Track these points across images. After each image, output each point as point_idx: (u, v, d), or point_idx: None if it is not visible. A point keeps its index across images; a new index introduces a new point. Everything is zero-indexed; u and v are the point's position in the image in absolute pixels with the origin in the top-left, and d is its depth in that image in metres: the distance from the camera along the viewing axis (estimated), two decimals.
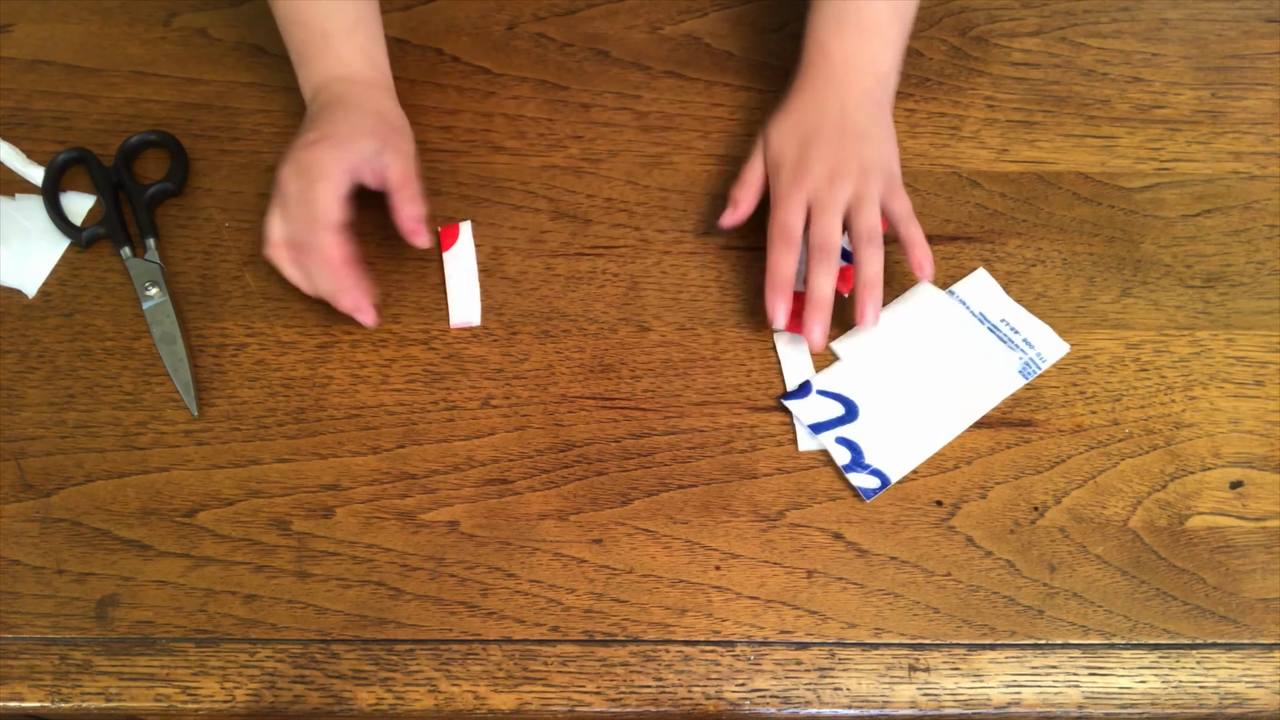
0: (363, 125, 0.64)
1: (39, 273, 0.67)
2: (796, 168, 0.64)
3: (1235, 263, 0.68)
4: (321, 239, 0.60)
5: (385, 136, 0.64)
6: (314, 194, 0.60)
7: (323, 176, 0.61)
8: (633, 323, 0.66)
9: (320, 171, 0.61)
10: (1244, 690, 0.58)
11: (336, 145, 0.62)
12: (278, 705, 0.57)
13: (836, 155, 0.64)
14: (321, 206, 0.60)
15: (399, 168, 0.63)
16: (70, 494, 0.61)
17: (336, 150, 0.62)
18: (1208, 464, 0.63)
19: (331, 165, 0.61)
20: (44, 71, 0.73)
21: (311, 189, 0.60)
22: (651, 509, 0.61)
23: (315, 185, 0.60)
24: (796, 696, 0.57)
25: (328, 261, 0.60)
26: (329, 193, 0.60)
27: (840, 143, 0.65)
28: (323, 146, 0.62)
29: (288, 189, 0.61)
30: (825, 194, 0.63)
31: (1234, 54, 0.75)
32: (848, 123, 0.65)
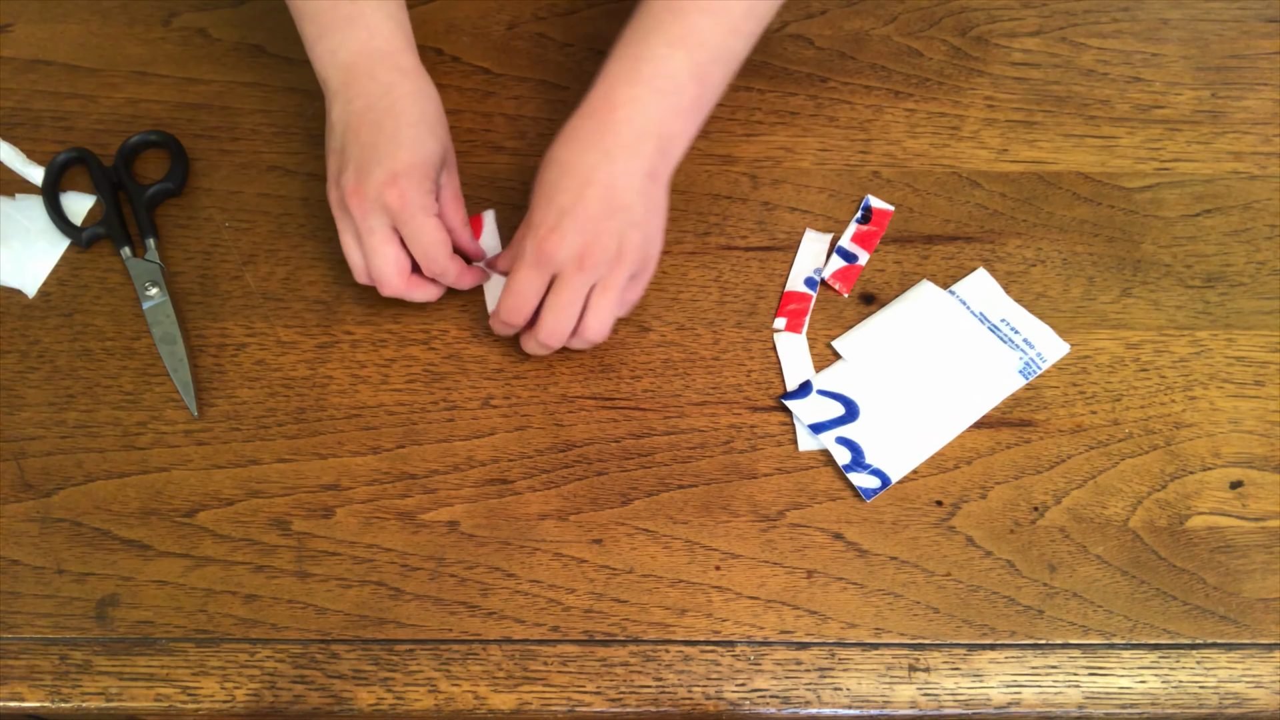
0: (433, 145, 0.61)
1: (39, 273, 0.67)
2: (549, 236, 0.58)
3: (1235, 263, 0.68)
4: (447, 269, 0.62)
5: (447, 150, 0.63)
6: (423, 233, 0.60)
7: (425, 213, 0.60)
8: (633, 323, 0.66)
9: (422, 209, 0.59)
10: (1244, 690, 0.58)
11: (423, 178, 0.60)
12: (278, 705, 0.57)
13: (595, 232, 0.58)
14: (435, 242, 0.60)
15: (451, 187, 0.64)
16: (70, 494, 0.61)
17: (425, 183, 0.60)
18: (1208, 464, 0.63)
19: (428, 201, 0.60)
20: (44, 71, 0.73)
21: (419, 230, 0.60)
22: (651, 509, 0.61)
23: (422, 226, 0.60)
24: (796, 696, 0.57)
25: (457, 283, 0.64)
26: (438, 228, 0.60)
27: (602, 219, 0.58)
28: (409, 183, 0.59)
29: (370, 225, 0.60)
30: (570, 277, 0.58)
31: (1234, 54, 0.75)
32: (615, 195, 0.58)
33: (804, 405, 0.63)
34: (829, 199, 0.70)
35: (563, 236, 0.58)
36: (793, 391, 0.64)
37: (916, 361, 0.64)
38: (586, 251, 0.58)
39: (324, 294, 0.66)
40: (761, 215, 0.69)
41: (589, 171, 0.59)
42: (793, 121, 0.72)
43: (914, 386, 0.64)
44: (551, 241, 0.58)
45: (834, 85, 0.73)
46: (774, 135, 0.71)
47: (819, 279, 0.67)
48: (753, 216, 0.69)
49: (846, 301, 0.67)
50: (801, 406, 0.63)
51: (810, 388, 0.64)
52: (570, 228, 0.58)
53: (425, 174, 0.60)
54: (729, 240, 0.68)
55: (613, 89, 0.60)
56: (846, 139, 0.71)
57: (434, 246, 0.60)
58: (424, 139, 0.61)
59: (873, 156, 0.71)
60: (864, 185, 0.70)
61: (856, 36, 0.75)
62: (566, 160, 0.60)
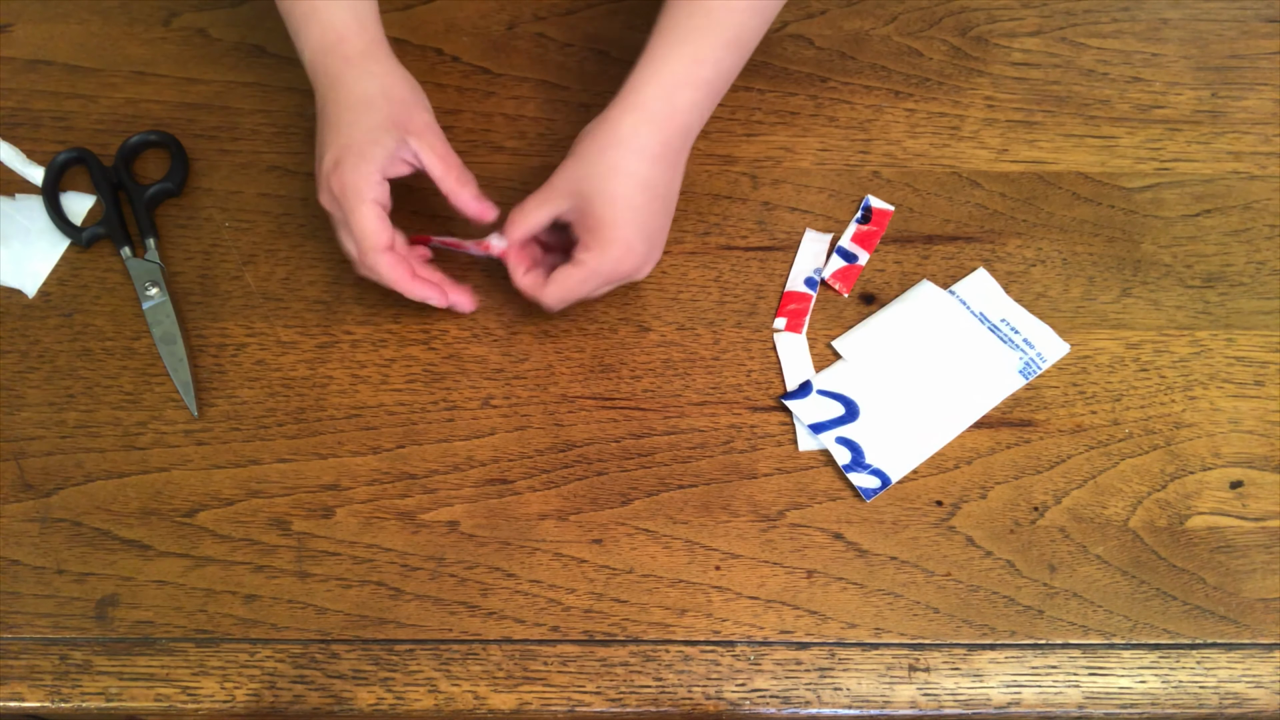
0: (373, 120, 0.60)
1: (39, 273, 0.67)
2: (629, 258, 0.60)
3: (1235, 263, 0.68)
4: (376, 263, 0.60)
5: (401, 120, 0.61)
6: (355, 221, 0.59)
7: (358, 200, 0.59)
8: (633, 323, 0.66)
9: (355, 195, 0.59)
10: (1244, 690, 0.58)
11: (359, 158, 0.59)
12: (278, 705, 0.57)
13: (649, 248, 0.61)
14: (364, 233, 0.59)
15: (431, 151, 0.61)
16: (70, 494, 0.61)
17: (360, 165, 0.59)
18: (1208, 464, 0.63)
19: (362, 183, 0.59)
20: (44, 71, 0.73)
21: (351, 217, 0.59)
22: (651, 509, 0.61)
23: (353, 213, 0.59)
24: (796, 696, 0.57)
25: (393, 283, 0.60)
26: (368, 217, 0.59)
27: (659, 232, 0.62)
28: (345, 166, 0.59)
29: (334, 217, 0.61)
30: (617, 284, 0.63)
31: (1234, 54, 0.75)
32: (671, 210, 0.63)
33: (804, 405, 0.63)
34: (829, 199, 0.70)
35: (644, 262, 0.61)
36: (793, 391, 0.64)
37: (916, 361, 0.64)
38: (642, 265, 0.62)
39: (324, 294, 0.66)
40: (761, 215, 0.69)
41: (666, 190, 0.61)
42: (793, 121, 0.72)
43: (914, 386, 0.64)
44: (631, 265, 0.61)
45: (834, 85, 0.73)
46: (774, 135, 0.71)
47: (819, 279, 0.67)
48: (753, 216, 0.69)
49: (846, 301, 0.67)
50: (801, 406, 0.63)
51: (810, 388, 0.64)
52: (651, 255, 0.62)
53: (362, 153, 0.59)
54: (729, 240, 0.68)
55: (673, 93, 0.61)
56: (846, 139, 0.71)
57: (363, 237, 0.59)
58: (360, 118, 0.60)
59: (873, 156, 0.71)
60: (864, 185, 0.70)
61: (856, 36, 0.75)
62: (649, 179, 0.60)
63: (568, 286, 0.61)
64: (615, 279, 0.62)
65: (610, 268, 0.60)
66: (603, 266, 0.60)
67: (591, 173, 0.60)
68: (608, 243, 0.59)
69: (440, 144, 0.62)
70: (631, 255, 0.60)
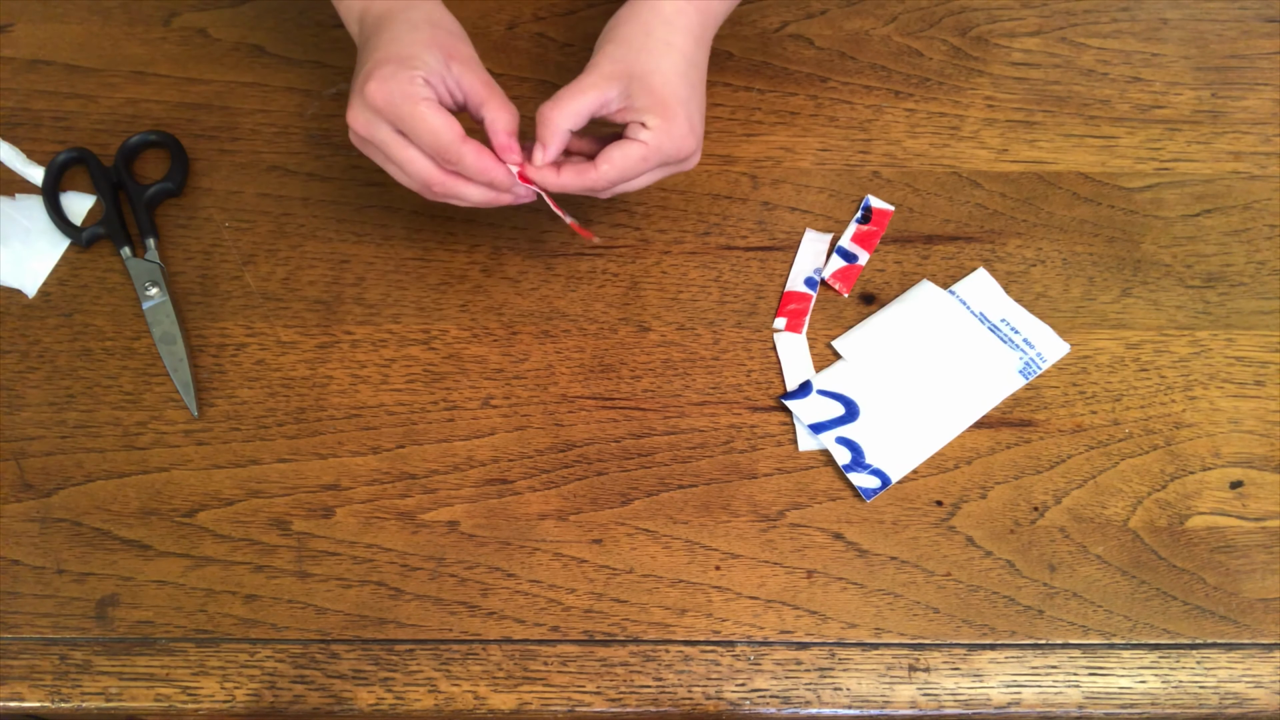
0: (416, 38, 0.56)
1: (39, 273, 0.67)
2: (688, 140, 0.58)
3: (1235, 263, 0.68)
4: (462, 155, 0.55)
5: (446, 46, 0.57)
6: (415, 124, 0.54)
7: (413, 102, 0.54)
8: (633, 323, 0.66)
9: (407, 99, 0.54)
10: (1244, 690, 0.58)
11: (400, 65, 0.55)
12: (278, 705, 0.57)
13: (701, 134, 0.60)
14: (436, 131, 0.54)
15: (472, 77, 0.57)
16: (70, 494, 0.61)
17: (404, 71, 0.55)
18: (1208, 464, 0.63)
19: (410, 87, 0.54)
20: (44, 71, 0.73)
21: (409, 122, 0.54)
22: (651, 509, 0.61)
23: (412, 116, 0.54)
24: (796, 696, 0.57)
25: (487, 171, 0.56)
26: (433, 114, 0.54)
27: (702, 121, 0.60)
28: (385, 74, 0.55)
29: (381, 138, 0.56)
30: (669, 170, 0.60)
31: (1234, 54, 0.75)
32: (703, 92, 0.60)
33: (804, 405, 0.63)
34: (829, 199, 0.70)
35: (698, 147, 0.59)
36: (793, 391, 0.64)
37: (916, 361, 0.64)
38: (694, 153, 0.60)
39: (324, 294, 0.66)
40: (761, 215, 0.69)
41: (702, 78, 0.60)
42: (793, 121, 0.72)
43: (914, 386, 0.64)
44: (690, 145, 0.58)
45: (834, 85, 0.73)
46: (774, 135, 0.71)
47: (819, 279, 0.67)
48: (753, 216, 0.69)
49: (846, 301, 0.67)
50: (801, 406, 0.63)
51: (810, 388, 0.64)
52: (701, 143, 0.60)
53: (402, 63, 0.55)
54: (729, 240, 0.68)
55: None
56: (846, 139, 0.71)
57: (433, 134, 0.55)
58: (402, 36, 0.57)
59: (873, 156, 0.71)
60: (864, 185, 0.70)
61: (856, 36, 0.75)
62: (695, 59, 0.59)
63: (625, 166, 0.57)
64: (673, 160, 0.59)
65: (673, 145, 0.57)
66: (665, 143, 0.57)
67: (641, 54, 0.58)
68: (672, 118, 0.57)
69: (485, 73, 0.58)
70: (692, 135, 0.58)
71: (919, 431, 0.63)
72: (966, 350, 0.65)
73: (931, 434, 0.63)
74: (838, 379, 0.64)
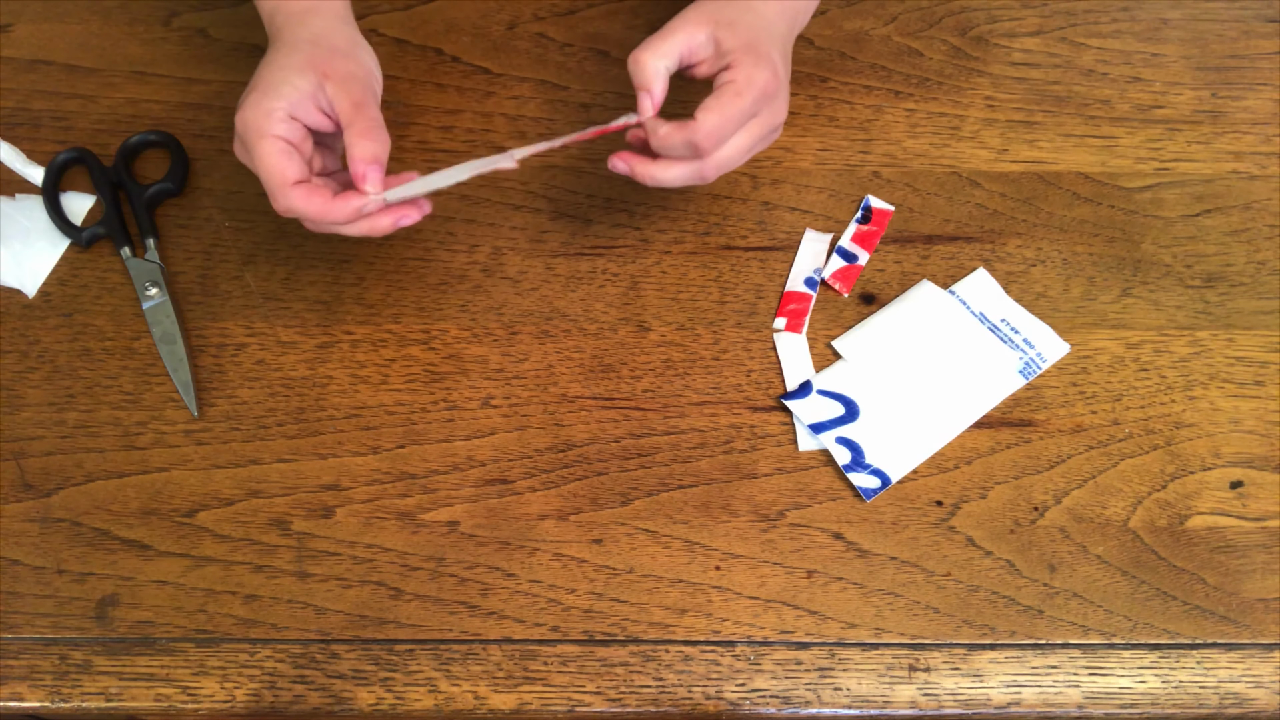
0: (290, 62, 0.56)
1: (39, 273, 0.67)
2: (771, 80, 0.57)
3: (1235, 263, 0.68)
4: (290, 201, 0.55)
5: (322, 65, 0.56)
6: (257, 161, 0.55)
7: (259, 137, 0.55)
8: (633, 323, 0.66)
9: (255, 132, 0.55)
10: (1244, 690, 0.58)
11: (263, 94, 0.55)
12: (278, 705, 0.57)
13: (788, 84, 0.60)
14: (268, 171, 0.55)
15: (346, 98, 0.56)
16: (70, 494, 0.61)
17: (265, 100, 0.55)
18: (1208, 464, 0.63)
19: (263, 120, 0.55)
20: (44, 71, 0.73)
21: (254, 157, 0.55)
22: (651, 509, 0.61)
23: (255, 150, 0.55)
24: (796, 696, 0.57)
25: (316, 215, 0.55)
26: (270, 154, 0.55)
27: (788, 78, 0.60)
28: (249, 103, 0.55)
29: (244, 163, 0.57)
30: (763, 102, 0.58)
31: (1234, 54, 0.75)
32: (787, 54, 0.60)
33: (804, 405, 0.63)
34: (829, 199, 0.70)
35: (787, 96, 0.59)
36: (793, 391, 0.64)
37: (916, 361, 0.64)
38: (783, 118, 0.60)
39: (324, 294, 0.66)
40: (761, 215, 0.69)
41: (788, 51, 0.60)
42: (793, 121, 0.72)
43: (914, 386, 0.64)
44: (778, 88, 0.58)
45: (834, 85, 0.73)
46: None
47: (819, 279, 0.67)
48: (753, 216, 0.69)
49: (846, 301, 0.67)
50: (801, 406, 0.63)
51: (810, 388, 0.64)
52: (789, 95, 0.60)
53: (266, 90, 0.55)
54: (729, 240, 0.68)
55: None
56: (846, 139, 0.71)
57: (268, 175, 0.55)
58: (276, 59, 0.57)
59: (873, 156, 0.71)
60: (864, 185, 0.70)
61: (856, 36, 0.75)
62: (779, 30, 0.59)
63: (723, 106, 0.56)
64: (764, 98, 0.57)
65: (763, 81, 0.56)
66: (755, 77, 0.56)
67: (730, 4, 0.58)
68: (758, 56, 0.57)
69: (360, 92, 0.56)
70: (777, 74, 0.57)
71: (919, 431, 0.63)
72: (966, 350, 0.65)
73: (931, 434, 0.63)
74: (838, 379, 0.64)
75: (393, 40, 0.74)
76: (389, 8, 0.75)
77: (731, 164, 0.59)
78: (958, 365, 0.64)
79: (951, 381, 0.64)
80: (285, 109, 0.55)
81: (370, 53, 0.60)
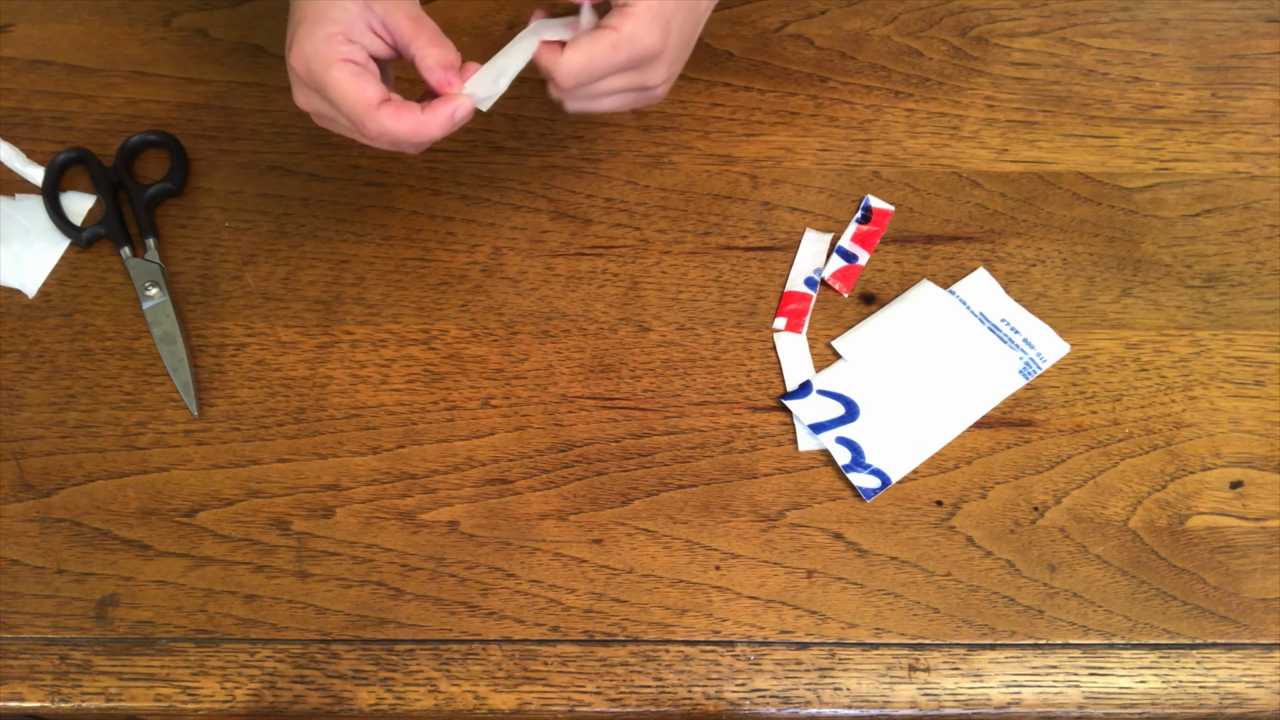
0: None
1: (39, 273, 0.67)
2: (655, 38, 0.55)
3: (1235, 263, 0.68)
4: (382, 125, 0.53)
5: None
6: (332, 91, 0.53)
7: (326, 66, 0.52)
8: (633, 323, 0.66)
9: (322, 63, 0.53)
10: (1244, 690, 0.58)
11: (316, 23, 0.53)
12: (278, 705, 0.57)
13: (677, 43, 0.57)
14: (348, 99, 0.53)
15: (398, 14, 0.54)
16: (70, 494, 0.61)
17: (319, 28, 0.53)
18: (1208, 464, 0.63)
19: (325, 48, 0.53)
20: (44, 71, 0.73)
21: (327, 88, 0.53)
22: (651, 509, 0.61)
23: (326, 81, 0.53)
24: (796, 696, 0.57)
25: (412, 135, 0.54)
26: (345, 79, 0.52)
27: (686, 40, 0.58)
28: (301, 36, 0.53)
29: (312, 107, 0.55)
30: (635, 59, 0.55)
31: (1234, 54, 0.75)
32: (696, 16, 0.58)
33: (804, 405, 0.63)
34: (829, 199, 0.70)
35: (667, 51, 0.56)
36: (793, 391, 0.64)
37: (916, 361, 0.64)
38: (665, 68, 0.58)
39: (324, 294, 0.66)
40: (761, 215, 0.69)
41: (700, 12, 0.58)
42: (793, 121, 0.72)
43: (914, 386, 0.64)
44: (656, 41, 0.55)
45: (834, 85, 0.73)
46: (774, 135, 0.71)
47: (819, 279, 0.67)
48: (753, 216, 0.69)
49: (846, 301, 0.67)
50: (801, 406, 0.63)
51: (810, 388, 0.64)
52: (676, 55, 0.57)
53: (319, 18, 0.53)
54: (729, 240, 0.68)
55: None
56: (846, 139, 0.71)
57: (350, 103, 0.53)
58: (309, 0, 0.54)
59: (873, 156, 0.71)
60: (864, 185, 0.70)
61: (856, 36, 0.75)
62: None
63: (593, 54, 0.54)
64: (641, 59, 0.55)
65: (647, 42, 0.54)
66: (640, 37, 0.54)
67: None
68: (655, 15, 0.54)
69: (410, 6, 0.55)
70: (657, 29, 0.54)
71: (919, 431, 0.63)
72: (966, 350, 0.65)
73: (931, 434, 0.63)
74: (838, 379, 0.64)
75: None
76: None
77: (588, 107, 0.58)
78: (958, 365, 0.64)
79: (951, 381, 0.64)
80: (342, 32, 0.53)
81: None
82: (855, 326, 0.66)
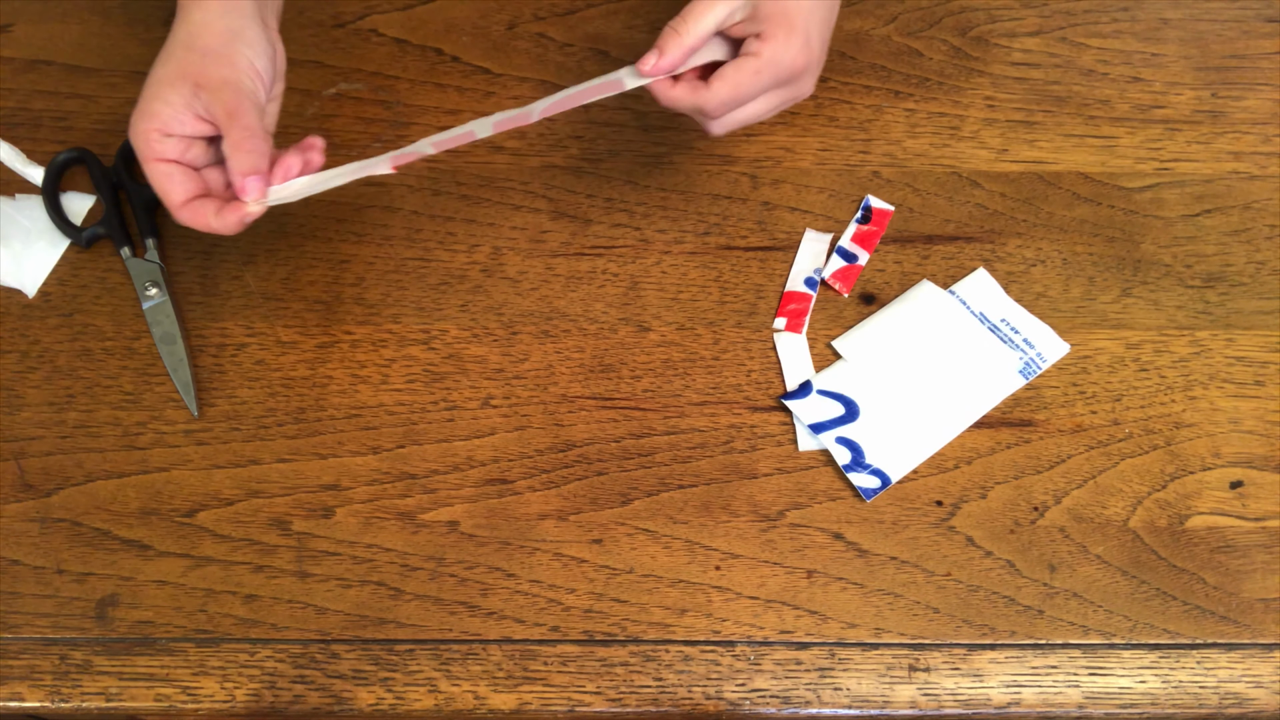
0: (164, 73, 0.56)
1: (39, 273, 0.67)
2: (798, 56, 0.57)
3: (1235, 263, 0.68)
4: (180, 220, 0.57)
5: (194, 74, 0.55)
6: (149, 181, 0.58)
7: (143, 160, 0.57)
8: (633, 323, 0.66)
9: (140, 155, 0.57)
10: (1244, 690, 0.58)
11: (140, 115, 0.56)
12: (278, 705, 0.57)
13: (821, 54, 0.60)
14: (157, 192, 0.57)
15: (220, 108, 0.55)
16: (70, 494, 0.61)
17: (140, 122, 0.56)
18: (1208, 464, 0.63)
19: (142, 144, 0.56)
20: (44, 71, 0.73)
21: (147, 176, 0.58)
22: (651, 509, 0.61)
23: (145, 171, 0.57)
24: (796, 696, 0.57)
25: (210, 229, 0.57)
26: (155, 177, 0.57)
27: (824, 45, 0.60)
28: (132, 121, 0.57)
29: None
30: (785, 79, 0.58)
31: (1234, 54, 0.75)
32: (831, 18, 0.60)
33: (804, 405, 0.63)
34: (829, 199, 0.70)
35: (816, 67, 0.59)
36: (793, 391, 0.64)
37: (916, 361, 0.64)
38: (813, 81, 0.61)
39: (324, 294, 0.66)
40: (761, 215, 0.69)
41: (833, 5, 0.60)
42: (793, 121, 0.72)
43: (914, 386, 0.64)
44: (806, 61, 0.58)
45: (834, 85, 0.73)
46: (774, 135, 0.71)
47: (819, 279, 0.67)
48: (753, 216, 0.69)
49: (846, 301, 0.67)
50: (801, 406, 0.63)
51: (810, 388, 0.64)
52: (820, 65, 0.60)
53: (143, 111, 0.56)
54: (729, 240, 0.68)
55: None
56: (846, 139, 0.71)
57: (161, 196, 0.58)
58: (155, 73, 0.57)
59: (873, 156, 0.71)
60: (864, 185, 0.70)
61: (856, 36, 0.75)
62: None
63: (739, 81, 0.56)
64: (788, 77, 0.58)
65: (789, 60, 0.56)
66: (781, 56, 0.56)
67: None
68: (790, 31, 0.56)
69: (233, 99, 0.56)
70: (809, 51, 0.57)
71: (919, 431, 0.63)
72: (966, 350, 0.65)
73: (931, 434, 0.63)
74: (838, 379, 0.64)
75: (393, 40, 0.74)
76: (389, 8, 0.75)
77: (740, 127, 0.61)
78: (958, 365, 0.64)
79: (951, 381, 0.64)
80: (160, 129, 0.56)
81: (254, 43, 0.58)
82: (855, 326, 0.66)
